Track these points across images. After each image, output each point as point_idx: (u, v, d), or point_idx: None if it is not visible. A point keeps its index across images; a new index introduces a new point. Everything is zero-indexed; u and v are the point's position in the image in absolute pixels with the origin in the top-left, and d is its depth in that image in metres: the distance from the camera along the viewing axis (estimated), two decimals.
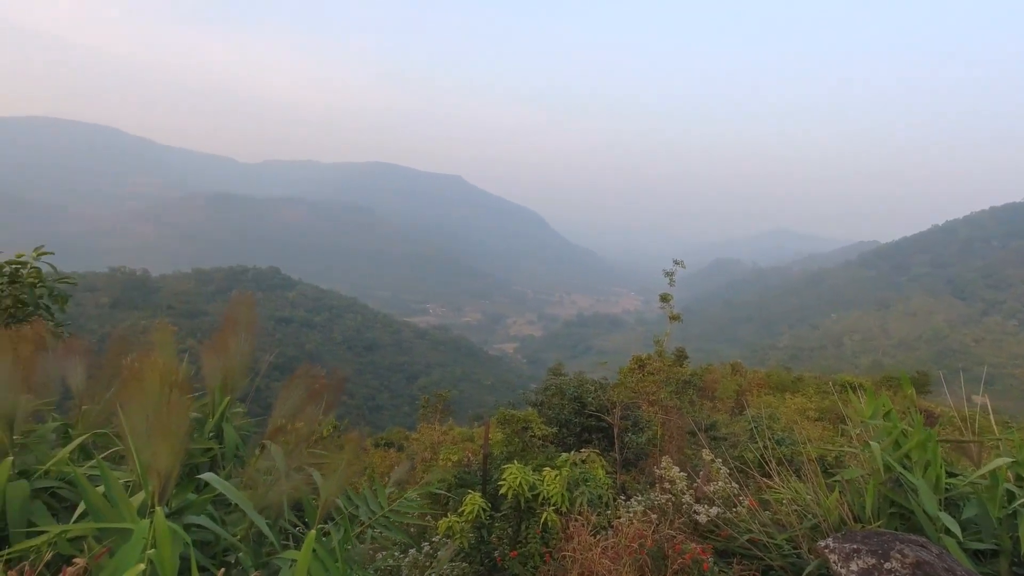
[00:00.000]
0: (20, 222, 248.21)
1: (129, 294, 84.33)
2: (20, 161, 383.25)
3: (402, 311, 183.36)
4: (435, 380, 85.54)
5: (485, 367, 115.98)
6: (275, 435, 2.42)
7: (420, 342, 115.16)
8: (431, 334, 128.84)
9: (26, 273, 3.47)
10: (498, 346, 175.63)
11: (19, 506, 1.71)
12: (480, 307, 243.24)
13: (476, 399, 76.74)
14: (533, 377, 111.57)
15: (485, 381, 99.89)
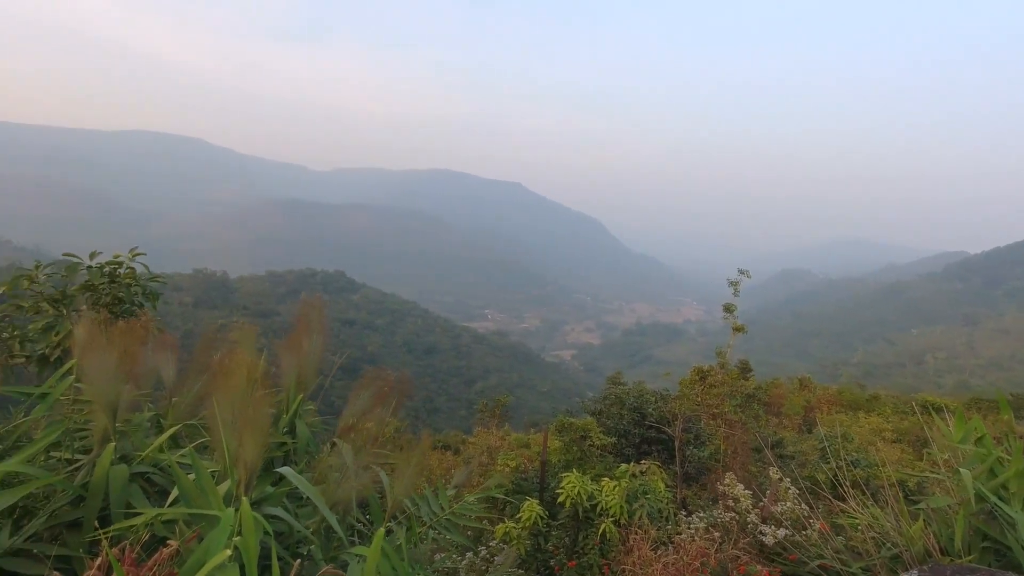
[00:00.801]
0: (119, 226, 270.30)
1: (209, 294, 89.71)
2: (120, 171, 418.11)
3: (462, 316, 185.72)
4: (492, 385, 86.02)
5: (542, 373, 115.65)
6: (345, 434, 2.51)
7: (479, 347, 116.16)
8: (490, 339, 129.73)
9: (123, 273, 3.78)
10: (555, 353, 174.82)
11: (120, 488, 1.85)
12: (539, 313, 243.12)
13: (532, 405, 76.54)
14: (590, 385, 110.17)
15: (542, 388, 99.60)
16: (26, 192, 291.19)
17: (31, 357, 3.21)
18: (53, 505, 1.91)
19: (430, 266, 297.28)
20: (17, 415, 2.57)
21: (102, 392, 1.98)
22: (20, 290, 3.41)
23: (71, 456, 2.19)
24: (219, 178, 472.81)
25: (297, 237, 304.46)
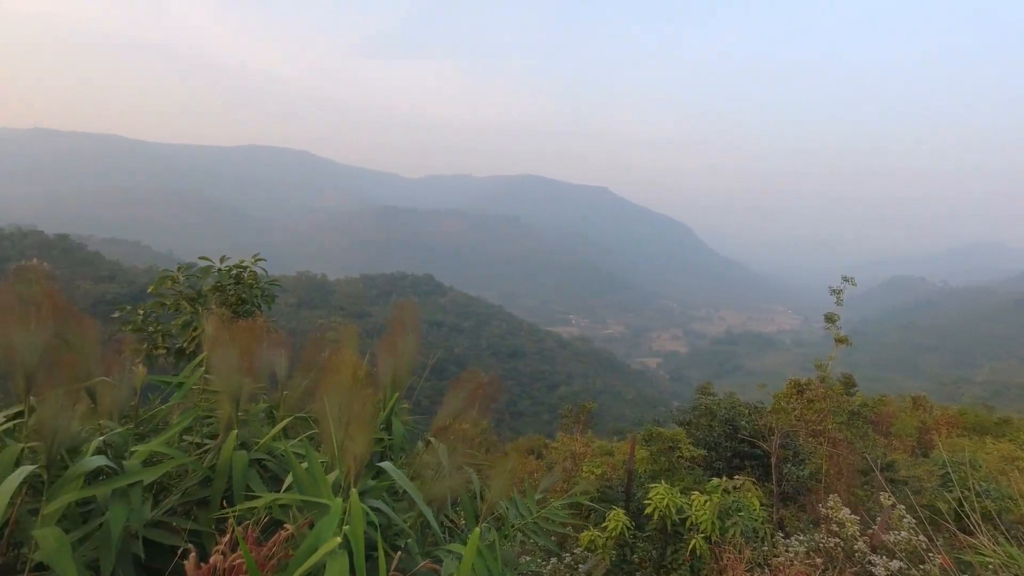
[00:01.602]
0: (238, 232, 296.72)
1: (311, 295, 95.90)
2: (240, 182, 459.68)
3: (546, 320, 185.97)
4: (575, 391, 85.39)
5: (626, 381, 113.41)
6: (439, 433, 2.60)
7: (562, 352, 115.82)
8: (573, 344, 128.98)
9: (246, 276, 4.16)
10: (640, 360, 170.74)
11: (241, 472, 2.03)
12: (624, 319, 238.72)
13: (616, 412, 75.17)
14: (676, 394, 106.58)
15: (626, 395, 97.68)
16: (163, 203, 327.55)
17: (170, 349, 3.60)
18: (186, 484, 2.12)
19: (515, 270, 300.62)
20: (154, 401, 2.88)
21: (227, 383, 2.17)
22: (165, 290, 3.84)
23: (200, 440, 2.43)
24: (322, 187, 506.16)
25: (390, 241, 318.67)
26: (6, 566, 1.68)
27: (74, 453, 1.82)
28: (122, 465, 1.86)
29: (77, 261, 71.22)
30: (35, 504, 1.76)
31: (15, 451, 1.71)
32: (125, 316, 3.97)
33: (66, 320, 2.12)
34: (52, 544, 1.51)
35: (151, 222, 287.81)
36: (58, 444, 1.68)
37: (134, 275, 71.18)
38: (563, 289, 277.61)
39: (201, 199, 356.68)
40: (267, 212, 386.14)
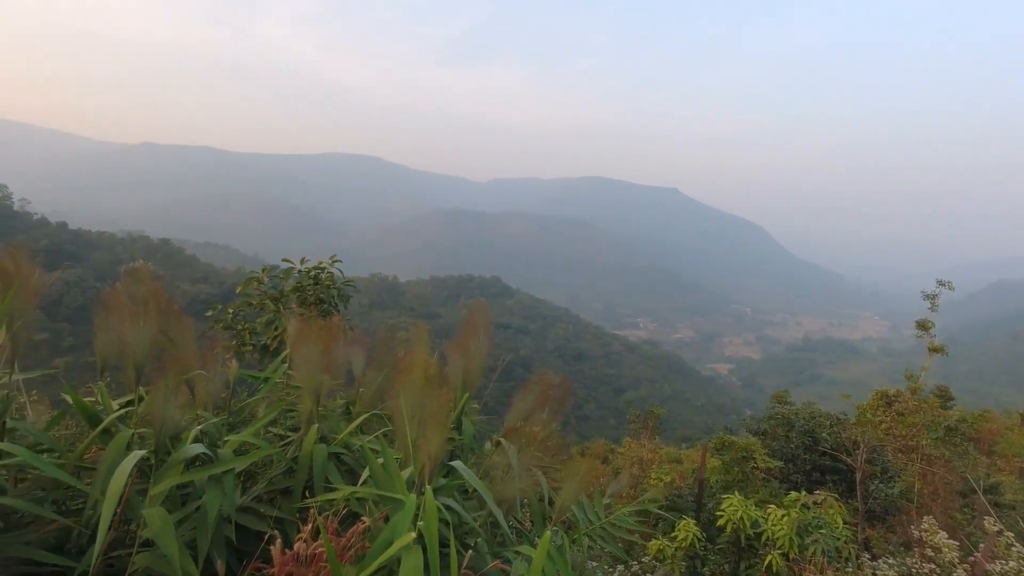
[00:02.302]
0: (315, 235, 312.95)
1: (382, 296, 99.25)
2: (318, 188, 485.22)
3: (613, 323, 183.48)
4: (642, 395, 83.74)
5: (696, 387, 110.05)
6: (509, 434, 2.62)
7: (629, 356, 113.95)
8: (641, 348, 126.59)
9: (324, 277, 4.38)
10: (711, 366, 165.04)
11: (321, 465, 2.13)
12: (693, 323, 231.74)
13: (684, 419, 73.13)
14: (748, 402, 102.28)
15: (695, 401, 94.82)
16: (249, 208, 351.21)
17: (255, 346, 3.85)
18: (271, 473, 2.24)
19: (581, 273, 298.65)
20: (242, 394, 3.07)
21: (309, 380, 2.28)
22: (251, 290, 4.13)
23: (283, 433, 2.57)
24: (393, 191, 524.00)
25: (458, 244, 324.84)
26: (117, 540, 1.84)
27: (175, 440, 1.97)
28: (216, 453, 2.00)
29: (177, 263, 77.12)
30: (142, 485, 1.92)
31: (126, 436, 1.88)
32: (217, 315, 4.30)
33: (169, 318, 2.31)
34: (158, 523, 1.64)
35: (240, 226, 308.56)
36: (165, 432, 1.83)
37: (224, 276, 76.29)
38: (630, 292, 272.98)
39: (284, 204, 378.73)
40: (342, 216, 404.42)
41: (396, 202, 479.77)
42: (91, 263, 65.95)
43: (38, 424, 2.20)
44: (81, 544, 1.87)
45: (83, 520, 1.80)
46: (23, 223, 73.06)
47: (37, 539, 1.74)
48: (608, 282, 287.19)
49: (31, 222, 74.98)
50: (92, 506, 1.78)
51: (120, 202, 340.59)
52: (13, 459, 1.73)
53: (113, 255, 71.87)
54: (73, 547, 1.87)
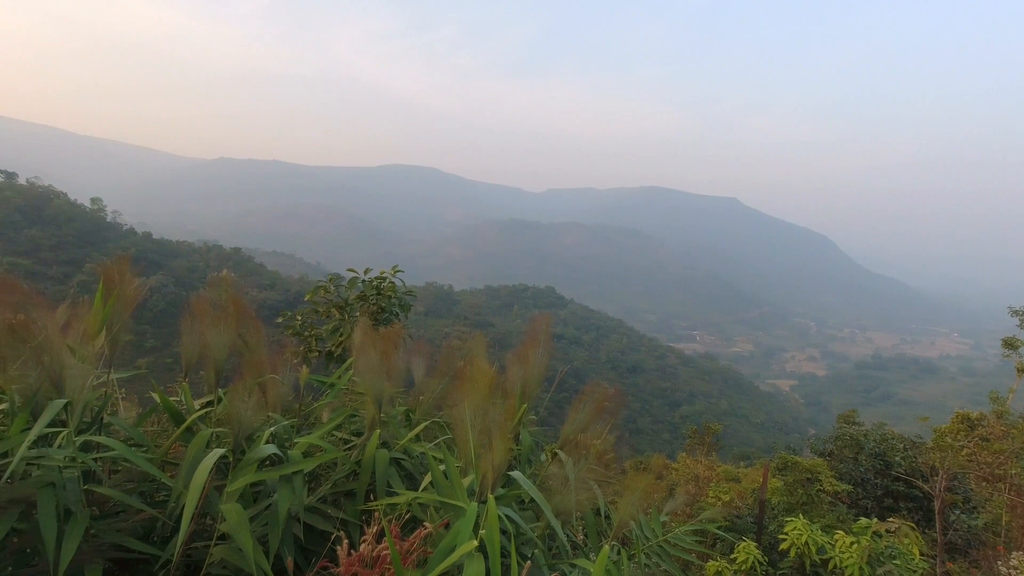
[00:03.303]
0: (375, 245, 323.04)
1: (437, 305, 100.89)
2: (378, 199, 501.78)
3: (668, 336, 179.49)
4: (698, 410, 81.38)
5: (755, 403, 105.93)
6: (565, 446, 2.62)
7: (685, 369, 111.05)
8: (697, 362, 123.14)
9: (386, 286, 4.52)
10: (771, 381, 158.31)
11: (383, 469, 2.19)
12: (753, 337, 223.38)
13: (742, 436, 70.55)
14: (812, 421, 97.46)
15: (754, 418, 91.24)
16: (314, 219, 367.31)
17: (321, 352, 4.02)
18: (335, 475, 2.33)
19: (637, 284, 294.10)
20: (307, 398, 3.20)
21: (372, 386, 2.36)
22: (318, 298, 4.32)
23: (346, 437, 2.66)
24: (450, 202, 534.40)
25: (513, 254, 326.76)
26: (196, 532, 1.95)
27: (249, 440, 2.08)
28: (287, 454, 2.10)
29: (247, 271, 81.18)
30: (219, 482, 2.03)
31: (207, 435, 2.00)
32: (286, 321, 4.52)
33: (245, 324, 2.45)
34: (235, 518, 1.73)
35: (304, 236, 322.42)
36: (241, 432, 1.94)
37: (289, 284, 79.72)
38: (687, 304, 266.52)
39: (345, 215, 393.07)
40: (399, 225, 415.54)
41: (452, 212, 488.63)
42: (171, 270, 70.48)
43: (128, 420, 2.38)
44: (165, 534, 2.00)
45: (167, 512, 1.92)
46: (115, 233, 79.71)
47: (127, 527, 1.87)
48: (664, 293, 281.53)
49: (122, 232, 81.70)
50: (175, 499, 1.90)
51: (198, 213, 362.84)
52: (110, 452, 1.87)
53: (190, 263, 76.81)
54: (157, 537, 2.00)
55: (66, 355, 1.79)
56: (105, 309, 2.10)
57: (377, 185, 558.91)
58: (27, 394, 1.78)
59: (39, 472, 1.66)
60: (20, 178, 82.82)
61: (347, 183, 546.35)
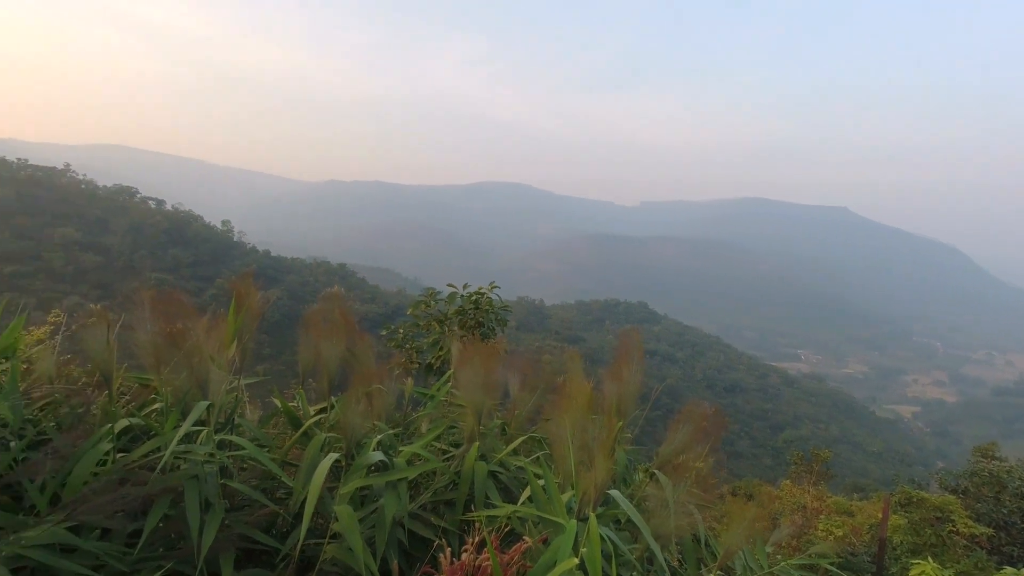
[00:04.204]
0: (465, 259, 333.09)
1: (528, 319, 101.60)
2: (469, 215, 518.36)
3: (770, 354, 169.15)
4: (804, 435, 75.80)
5: (870, 430, 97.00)
6: (663, 466, 2.55)
7: (789, 390, 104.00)
8: (802, 383, 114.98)
9: (483, 301, 4.66)
10: (890, 407, 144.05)
11: (481, 481, 2.25)
12: (867, 358, 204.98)
13: (856, 466, 64.80)
14: (940, 453, 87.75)
15: (870, 447, 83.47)
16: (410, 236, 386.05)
17: (421, 364, 4.20)
18: (436, 485, 2.42)
19: (735, 299, 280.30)
20: (407, 409, 3.34)
21: (472, 399, 2.43)
22: (419, 312, 4.54)
23: (446, 448, 2.75)
24: (540, 217, 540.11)
25: (604, 269, 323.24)
26: (311, 530, 2.10)
27: (359, 446, 2.22)
28: (392, 461, 2.21)
29: (350, 285, 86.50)
30: (331, 484, 2.18)
31: (321, 440, 2.16)
32: (390, 334, 4.78)
33: (353, 336, 2.61)
34: (346, 519, 1.85)
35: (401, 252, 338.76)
36: (353, 439, 2.07)
37: (388, 297, 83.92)
38: (790, 320, 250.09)
39: (439, 231, 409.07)
40: (491, 241, 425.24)
41: (542, 227, 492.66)
42: (286, 284, 76.73)
43: (253, 422, 2.61)
44: (283, 530, 2.17)
45: (287, 509, 2.09)
46: (240, 251, 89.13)
47: (253, 520, 2.05)
48: (764, 309, 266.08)
49: (245, 250, 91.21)
50: (295, 498, 2.06)
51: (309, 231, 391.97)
52: (241, 452, 2.07)
53: (302, 278, 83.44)
54: (277, 532, 2.17)
55: (209, 361, 2.01)
56: (236, 320, 2.33)
57: (471, 202, 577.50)
58: (178, 395, 2.02)
59: (185, 466, 1.87)
60: (167, 204, 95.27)
61: (442, 200, 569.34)
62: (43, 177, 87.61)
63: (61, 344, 2.52)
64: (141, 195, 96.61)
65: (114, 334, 2.06)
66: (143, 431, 2.14)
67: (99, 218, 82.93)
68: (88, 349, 2.01)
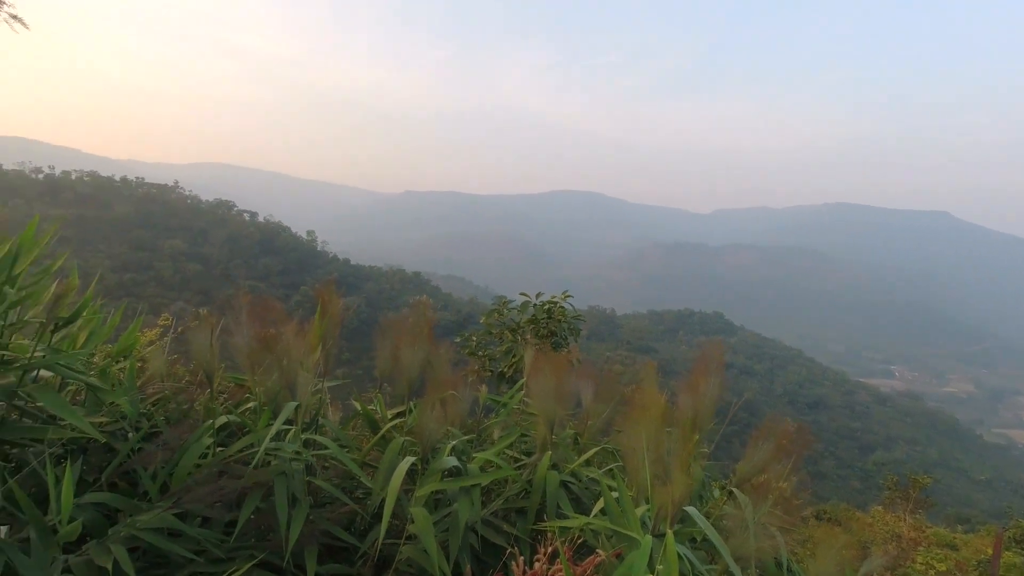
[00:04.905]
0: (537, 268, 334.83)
1: (599, 328, 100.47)
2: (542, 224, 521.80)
3: (858, 370, 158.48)
4: (897, 458, 70.33)
5: (977, 455, 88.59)
6: (742, 484, 2.44)
7: (880, 409, 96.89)
8: (896, 401, 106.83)
9: (556, 311, 4.68)
10: (1000, 431, 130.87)
11: (553, 491, 2.24)
12: (972, 375, 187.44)
13: (959, 495, 59.34)
14: None
15: (976, 474, 76.16)
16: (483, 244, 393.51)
17: (493, 372, 4.27)
18: (508, 492, 2.43)
19: (818, 310, 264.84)
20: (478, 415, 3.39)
21: (544, 408, 2.44)
22: (492, 321, 4.62)
23: (517, 456, 2.76)
24: (611, 225, 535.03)
25: (677, 277, 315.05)
26: (388, 531, 2.18)
27: (435, 451, 2.28)
28: (466, 467, 2.25)
29: (425, 293, 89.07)
30: (406, 486, 2.24)
31: (398, 444, 2.23)
32: (463, 341, 4.90)
33: (430, 343, 2.69)
34: (422, 521, 1.91)
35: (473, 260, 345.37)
36: (429, 443, 2.13)
37: (461, 305, 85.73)
38: (881, 334, 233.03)
39: (511, 240, 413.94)
40: (562, 249, 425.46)
41: (614, 235, 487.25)
42: (364, 292, 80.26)
43: (334, 423, 2.74)
44: (361, 528, 2.26)
45: (364, 508, 2.17)
46: (323, 260, 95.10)
47: (334, 518, 2.14)
48: (852, 321, 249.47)
49: (327, 259, 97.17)
50: (374, 498, 2.14)
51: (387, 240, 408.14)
52: (324, 451, 2.18)
53: (378, 285, 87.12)
54: (355, 530, 2.26)
55: (298, 364, 2.13)
56: (321, 326, 2.46)
57: (542, 211, 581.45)
58: (269, 395, 2.16)
59: (276, 462, 1.99)
60: (259, 216, 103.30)
61: (514, 210, 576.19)
62: (157, 194, 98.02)
63: (169, 345, 2.76)
64: (237, 208, 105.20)
65: (216, 337, 2.24)
66: (238, 427, 2.30)
67: (201, 230, 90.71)
68: (194, 350, 2.20)
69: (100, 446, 2.05)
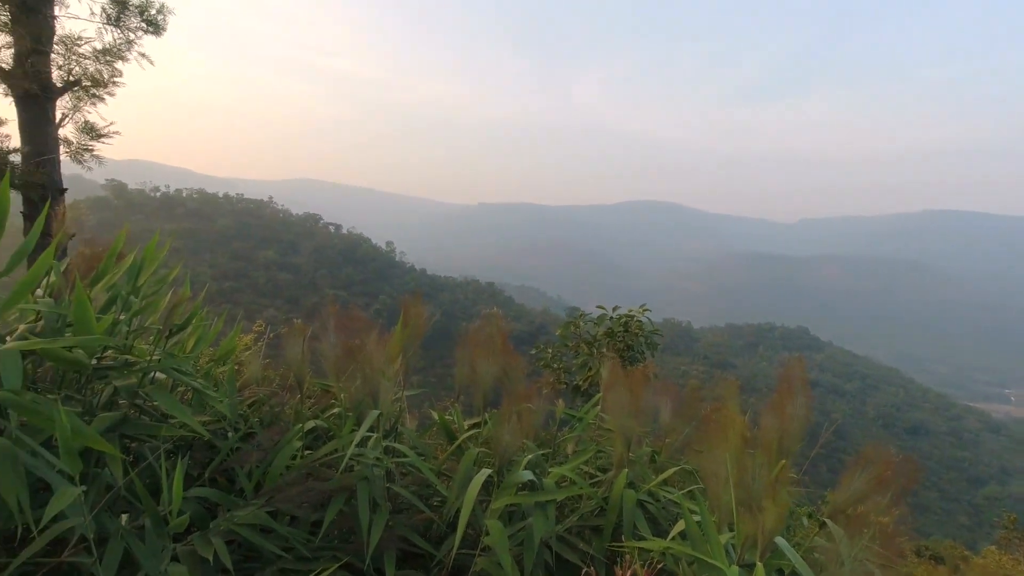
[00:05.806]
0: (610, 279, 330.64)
1: (675, 341, 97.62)
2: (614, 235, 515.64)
3: (966, 393, 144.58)
4: (1014, 492, 63.32)
5: None
6: (835, 515, 2.28)
7: (992, 437, 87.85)
8: (1012, 429, 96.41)
9: (633, 324, 4.60)
10: None
11: (630, 510, 2.18)
12: None
13: None
14: None
15: None
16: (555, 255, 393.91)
17: (568, 385, 4.24)
18: (583, 509, 2.40)
19: (917, 326, 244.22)
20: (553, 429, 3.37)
21: (621, 424, 2.39)
22: (569, 333, 4.62)
23: (592, 472, 2.72)
24: (689, 236, 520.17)
25: (758, 290, 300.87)
26: (463, 540, 2.20)
27: (510, 464, 2.28)
28: (541, 482, 2.24)
29: (498, 303, 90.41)
30: (481, 498, 2.26)
31: (474, 455, 2.26)
32: (539, 353, 4.91)
33: (505, 355, 2.71)
34: (497, 534, 1.91)
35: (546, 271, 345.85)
36: (505, 456, 2.14)
37: (533, 316, 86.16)
38: (994, 354, 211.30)
39: (584, 251, 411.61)
40: (636, 260, 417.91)
41: (691, 246, 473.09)
42: (439, 301, 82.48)
43: (412, 431, 2.81)
44: (436, 536, 2.30)
45: (440, 517, 2.21)
46: (400, 270, 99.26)
47: (412, 524, 2.19)
48: (959, 339, 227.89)
49: (405, 269, 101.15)
50: (450, 508, 2.17)
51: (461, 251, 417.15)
52: (404, 459, 2.24)
53: (453, 295, 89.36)
54: (431, 538, 2.30)
55: (380, 373, 2.22)
56: (403, 335, 2.54)
57: (616, 221, 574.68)
58: (353, 402, 2.25)
59: (359, 468, 2.07)
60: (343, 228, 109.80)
61: (587, 220, 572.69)
62: (254, 208, 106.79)
63: (262, 350, 2.95)
64: (323, 221, 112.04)
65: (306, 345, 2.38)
66: (324, 432, 2.41)
67: (291, 241, 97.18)
68: (287, 356, 2.34)
69: (203, 444, 2.22)
